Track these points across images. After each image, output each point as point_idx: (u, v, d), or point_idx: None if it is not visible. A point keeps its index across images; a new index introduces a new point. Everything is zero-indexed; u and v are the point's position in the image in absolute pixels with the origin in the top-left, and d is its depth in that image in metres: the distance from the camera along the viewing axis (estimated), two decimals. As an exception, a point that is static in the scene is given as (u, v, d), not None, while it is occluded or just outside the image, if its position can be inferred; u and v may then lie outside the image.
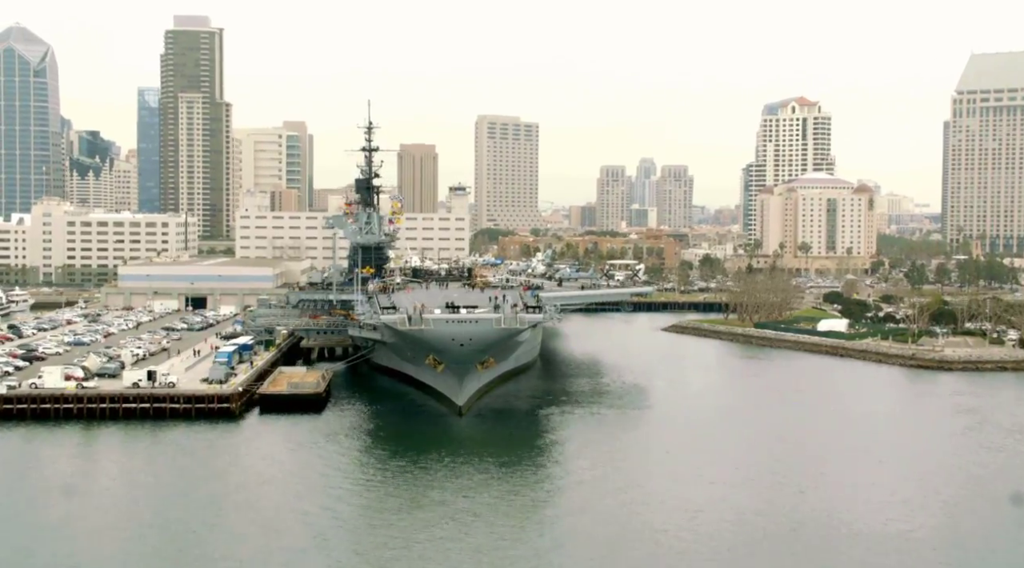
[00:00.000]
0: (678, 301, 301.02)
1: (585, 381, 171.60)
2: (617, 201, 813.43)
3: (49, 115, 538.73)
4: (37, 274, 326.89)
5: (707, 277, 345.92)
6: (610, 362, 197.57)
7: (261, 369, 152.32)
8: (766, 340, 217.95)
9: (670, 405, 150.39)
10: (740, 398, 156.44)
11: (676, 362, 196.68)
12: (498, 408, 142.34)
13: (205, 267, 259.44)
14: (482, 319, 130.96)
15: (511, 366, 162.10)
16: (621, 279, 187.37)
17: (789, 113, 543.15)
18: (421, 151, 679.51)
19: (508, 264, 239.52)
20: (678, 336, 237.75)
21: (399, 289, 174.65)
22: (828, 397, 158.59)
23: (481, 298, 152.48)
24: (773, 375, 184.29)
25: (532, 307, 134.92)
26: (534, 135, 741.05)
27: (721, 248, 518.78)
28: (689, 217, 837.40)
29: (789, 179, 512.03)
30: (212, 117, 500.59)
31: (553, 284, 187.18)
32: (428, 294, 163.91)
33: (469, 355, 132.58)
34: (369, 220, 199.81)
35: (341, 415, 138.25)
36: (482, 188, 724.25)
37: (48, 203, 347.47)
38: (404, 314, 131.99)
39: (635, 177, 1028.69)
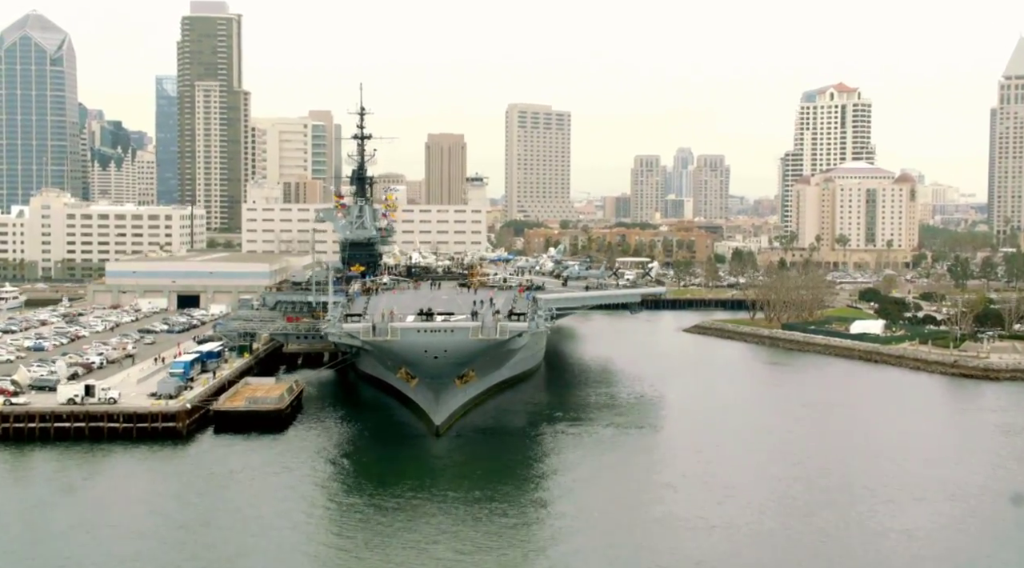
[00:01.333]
0: (704, 298, 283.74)
1: (592, 392, 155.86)
2: (651, 192, 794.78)
3: (66, 105, 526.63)
4: (36, 269, 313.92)
5: (737, 272, 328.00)
6: (623, 369, 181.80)
7: (225, 380, 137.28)
8: (794, 343, 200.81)
9: (682, 424, 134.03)
10: (759, 415, 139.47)
11: (694, 369, 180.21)
12: (484, 426, 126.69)
13: (197, 263, 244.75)
14: (458, 328, 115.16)
15: (505, 376, 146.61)
16: (631, 278, 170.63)
17: (827, 100, 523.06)
18: (449, 141, 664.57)
19: (516, 260, 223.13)
20: (700, 338, 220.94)
21: (386, 289, 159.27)
22: (858, 414, 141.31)
23: (467, 302, 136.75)
24: (798, 386, 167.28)
25: (518, 314, 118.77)
26: (566, 124, 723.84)
27: (756, 241, 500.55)
28: (726, 208, 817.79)
29: (827, 169, 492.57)
30: (230, 106, 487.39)
31: (558, 283, 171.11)
32: (414, 296, 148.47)
33: (445, 369, 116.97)
34: (361, 214, 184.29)
35: (305, 435, 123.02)
36: (513, 179, 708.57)
37: (47, 195, 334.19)
38: (369, 323, 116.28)
39: (672, 167, 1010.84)
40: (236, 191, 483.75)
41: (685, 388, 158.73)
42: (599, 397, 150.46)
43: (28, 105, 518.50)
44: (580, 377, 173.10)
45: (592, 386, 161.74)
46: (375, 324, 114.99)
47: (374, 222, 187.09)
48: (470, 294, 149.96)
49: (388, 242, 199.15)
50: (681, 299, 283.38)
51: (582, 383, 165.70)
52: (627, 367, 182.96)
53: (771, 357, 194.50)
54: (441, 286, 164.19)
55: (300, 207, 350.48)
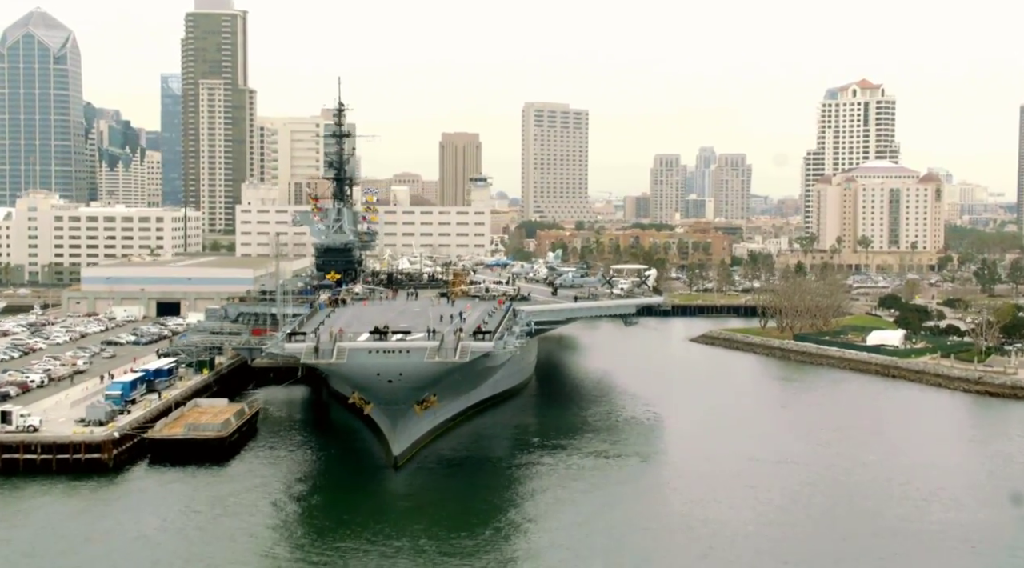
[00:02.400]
0: (716, 304, 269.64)
1: (583, 412, 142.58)
2: (671, 192, 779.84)
3: (70, 104, 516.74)
4: (22, 273, 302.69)
5: (753, 276, 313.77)
6: (621, 384, 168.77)
7: (172, 402, 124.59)
8: (806, 356, 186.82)
9: (677, 454, 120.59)
10: (765, 441, 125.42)
11: (697, 385, 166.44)
12: (452, 456, 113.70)
13: (177, 268, 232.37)
14: (414, 349, 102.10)
15: (485, 394, 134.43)
16: (626, 287, 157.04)
17: (849, 97, 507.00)
18: (464, 140, 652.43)
19: (512, 266, 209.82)
20: (707, 348, 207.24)
21: (359, 299, 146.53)
22: (872, 440, 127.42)
23: (443, 314, 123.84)
24: (807, 407, 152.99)
25: (483, 332, 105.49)
26: (584, 123, 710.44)
27: (776, 242, 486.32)
28: (747, 208, 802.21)
29: (849, 168, 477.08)
30: (235, 104, 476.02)
31: (546, 292, 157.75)
32: (382, 309, 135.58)
33: (400, 394, 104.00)
34: (339, 217, 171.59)
35: (249, 466, 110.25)
36: (529, 178, 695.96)
37: (34, 196, 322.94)
38: (312, 343, 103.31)
39: (694, 167, 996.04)
40: (237, 191, 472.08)
41: (685, 409, 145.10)
42: (590, 418, 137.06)
43: (31, 104, 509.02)
44: (573, 394, 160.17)
45: (585, 405, 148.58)
46: (318, 345, 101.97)
47: (354, 226, 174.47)
48: (447, 306, 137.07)
49: (370, 247, 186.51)
50: (691, 305, 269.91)
51: (574, 401, 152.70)
52: (626, 382, 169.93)
53: (781, 371, 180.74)
54: (419, 296, 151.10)
55: (297, 208, 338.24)
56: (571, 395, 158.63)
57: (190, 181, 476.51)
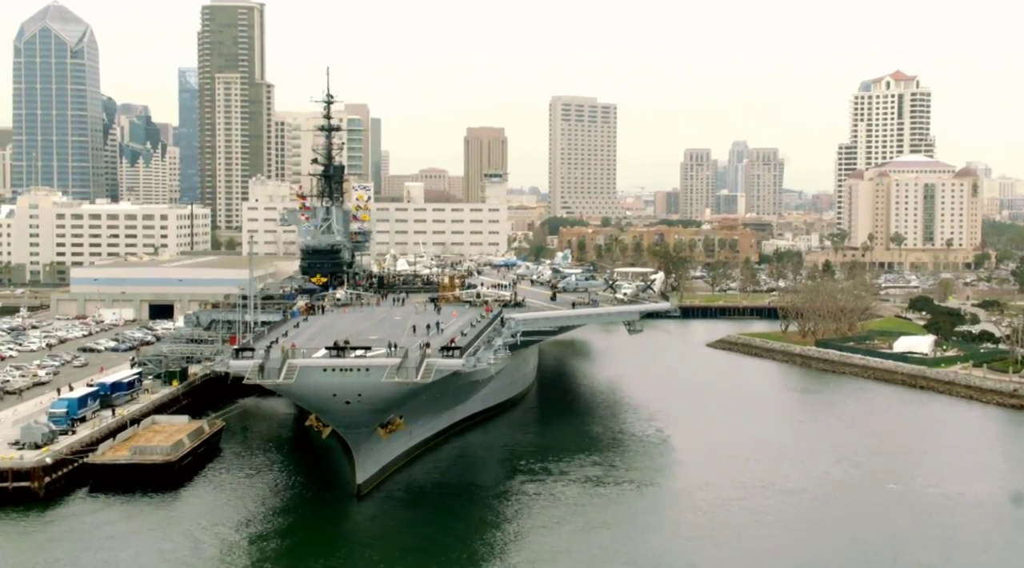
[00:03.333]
0: (739, 305, 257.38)
1: (584, 427, 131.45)
2: (701, 187, 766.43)
3: (87, 99, 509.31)
4: (23, 272, 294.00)
5: (779, 275, 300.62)
6: (628, 394, 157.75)
7: (126, 420, 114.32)
8: (828, 364, 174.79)
9: (681, 477, 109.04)
10: (775, 465, 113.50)
11: (710, 396, 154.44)
12: (426, 482, 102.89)
13: (169, 269, 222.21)
14: (375, 367, 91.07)
15: (472, 410, 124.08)
16: (629, 292, 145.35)
17: (883, 89, 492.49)
18: (489, 135, 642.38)
19: (517, 267, 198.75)
20: (724, 354, 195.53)
21: (340, 305, 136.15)
22: (894, 464, 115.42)
23: (423, 322, 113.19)
24: (827, 422, 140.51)
25: (452, 348, 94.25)
26: (612, 117, 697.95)
27: (806, 239, 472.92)
28: (779, 203, 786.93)
29: (882, 162, 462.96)
30: (252, 99, 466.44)
31: (546, 297, 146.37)
32: (359, 318, 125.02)
33: (360, 416, 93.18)
34: (327, 217, 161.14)
35: (199, 494, 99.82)
36: (556, 174, 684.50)
37: (36, 193, 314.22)
38: (258, 360, 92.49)
39: (727, 161, 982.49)
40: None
41: (693, 424, 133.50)
42: (589, 436, 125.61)
43: (48, 99, 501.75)
44: (575, 406, 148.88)
45: (586, 419, 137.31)
46: (264, 363, 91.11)
47: (344, 226, 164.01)
48: (433, 313, 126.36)
49: (363, 248, 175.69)
50: (713, 306, 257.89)
51: (575, 415, 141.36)
52: (634, 392, 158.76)
53: (800, 381, 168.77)
54: (408, 302, 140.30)
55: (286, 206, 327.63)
56: (572, 408, 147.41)
57: (206, 177, 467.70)
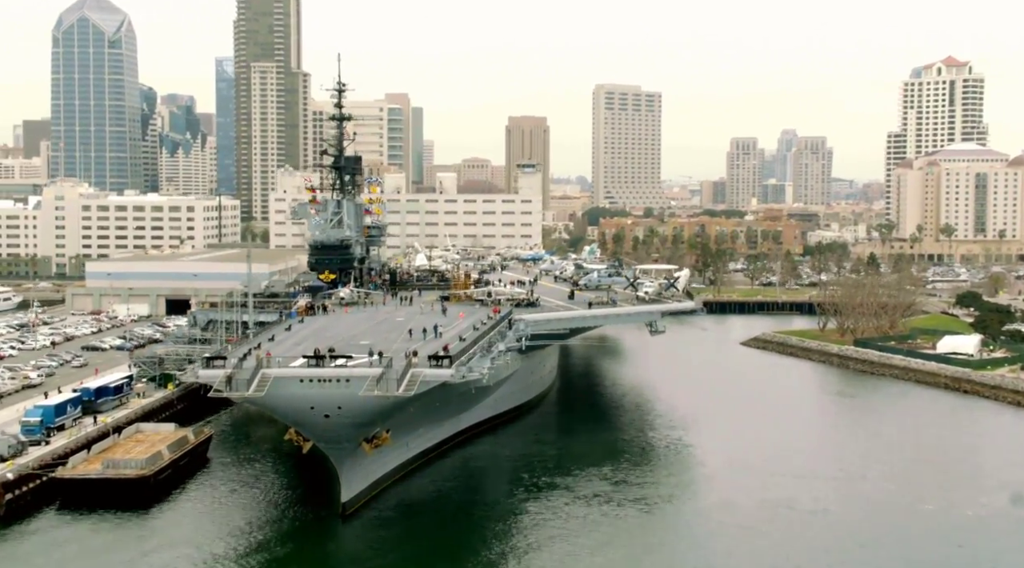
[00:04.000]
0: (777, 300, 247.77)
1: (601, 436, 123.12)
2: (748, 176, 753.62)
3: (125, 89, 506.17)
4: (49, 265, 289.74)
5: (823, 268, 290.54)
6: (653, 398, 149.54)
7: (108, 428, 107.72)
8: (867, 365, 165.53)
9: (700, 494, 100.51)
10: (803, 481, 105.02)
11: (740, 401, 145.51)
12: (419, 500, 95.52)
13: (186, 263, 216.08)
14: (355, 378, 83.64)
15: (479, 418, 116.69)
16: (651, 290, 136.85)
17: (934, 75, 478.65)
18: (531, 124, 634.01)
19: (541, 262, 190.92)
20: (759, 354, 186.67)
21: (347, 304, 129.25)
22: (932, 478, 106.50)
23: (431, 323, 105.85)
24: (861, 430, 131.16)
25: (441, 357, 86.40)
26: (656, 105, 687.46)
27: (852, 230, 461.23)
28: (827, 193, 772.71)
29: (933, 150, 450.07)
30: (287, 88, 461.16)
31: (563, 294, 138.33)
32: (359, 319, 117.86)
33: (342, 430, 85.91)
34: (338, 210, 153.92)
35: (175, 512, 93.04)
36: (599, 163, 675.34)
37: (62, 185, 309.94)
38: (227, 369, 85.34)
39: (776, 150, 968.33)
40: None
41: (722, 432, 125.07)
42: (605, 446, 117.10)
43: (86, 89, 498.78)
44: (597, 411, 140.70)
45: (605, 425, 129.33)
46: (232, 374, 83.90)
47: (356, 220, 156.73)
48: (439, 314, 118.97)
49: (378, 243, 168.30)
50: (750, 301, 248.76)
51: (595, 420, 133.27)
52: (661, 395, 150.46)
53: (837, 383, 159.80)
54: (414, 301, 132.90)
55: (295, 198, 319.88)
56: (592, 413, 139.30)
57: (242, 168, 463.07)
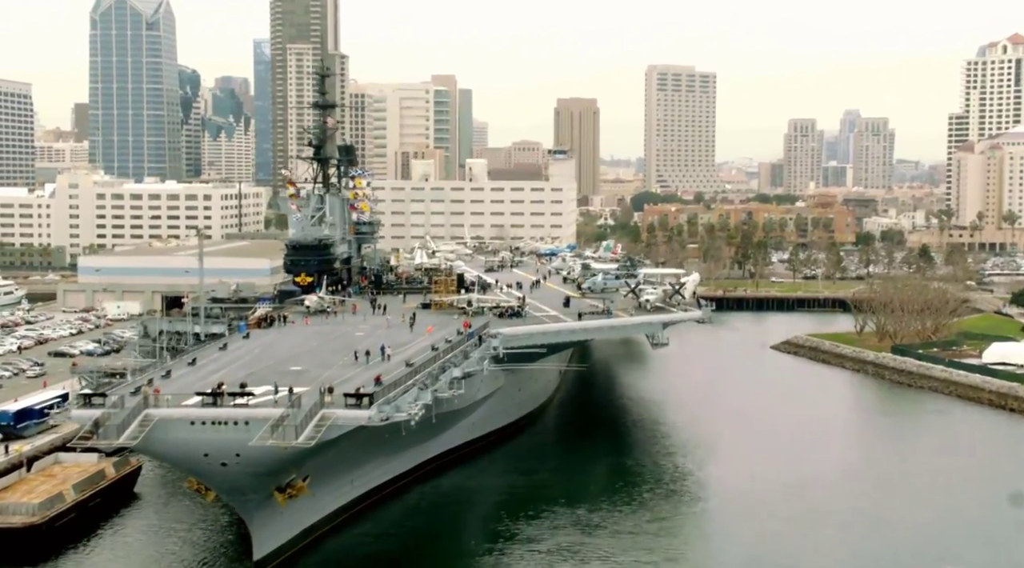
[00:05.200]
0: (818, 296, 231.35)
1: (603, 458, 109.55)
2: (806, 159, 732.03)
3: (163, 71, 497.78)
4: (63, 255, 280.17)
5: (871, 259, 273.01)
6: (667, 411, 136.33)
7: (21, 458, 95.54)
8: (904, 375, 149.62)
9: (712, 542, 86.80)
10: (817, 527, 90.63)
11: (760, 417, 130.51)
12: (351, 554, 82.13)
13: (180, 257, 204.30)
14: (256, 421, 70.57)
15: (451, 444, 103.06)
16: (654, 298, 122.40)
17: (999, 54, 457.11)
18: (580, 106, 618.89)
19: (555, 258, 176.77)
20: (788, 360, 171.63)
21: (312, 312, 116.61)
22: (960, 530, 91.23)
23: (367, 347, 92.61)
24: (888, 459, 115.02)
25: (360, 396, 72.83)
26: (711, 86, 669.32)
27: (910, 216, 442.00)
28: (888, 176, 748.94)
29: (996, 133, 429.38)
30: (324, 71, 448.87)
31: (557, 301, 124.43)
32: (312, 334, 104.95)
33: (245, 481, 72.89)
34: (320, 206, 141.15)
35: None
36: (651, 146, 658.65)
37: (76, 172, 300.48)
38: (100, 410, 72.46)
39: (838, 131, 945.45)
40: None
41: (737, 460, 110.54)
42: (599, 477, 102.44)
43: (124, 73, 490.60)
44: (598, 429, 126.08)
45: (607, 447, 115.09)
46: (99, 418, 71.05)
47: (341, 217, 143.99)
48: (405, 329, 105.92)
49: (370, 241, 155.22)
50: (790, 297, 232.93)
51: (594, 441, 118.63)
52: (675, 411, 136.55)
53: (870, 397, 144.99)
54: (390, 308, 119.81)
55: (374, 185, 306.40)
56: (592, 432, 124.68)
57: (278, 152, 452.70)
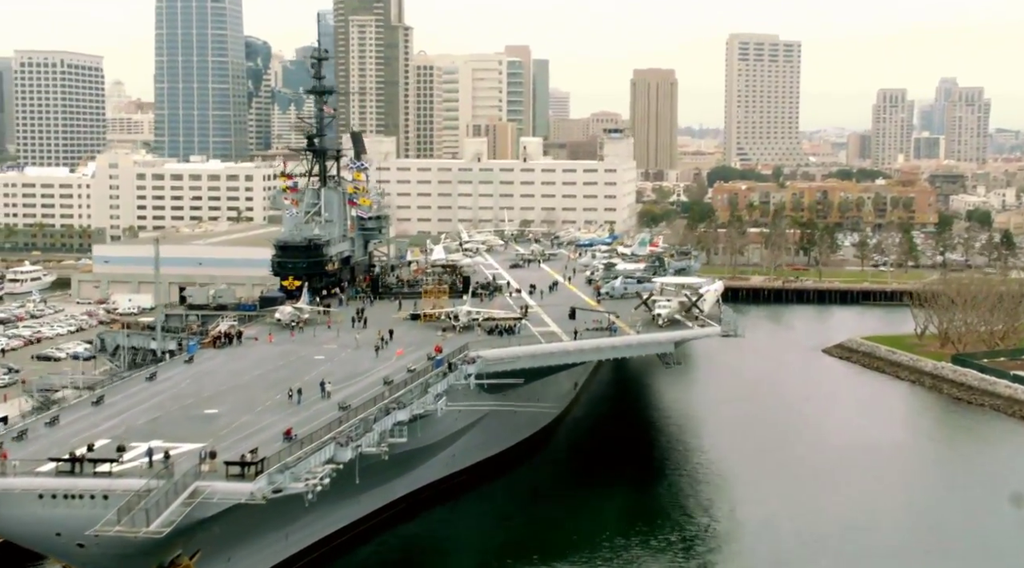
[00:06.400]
0: (885, 289, 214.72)
1: (618, 492, 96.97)
2: (896, 130, 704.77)
3: (228, 44, 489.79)
4: (104, 236, 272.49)
5: (947, 245, 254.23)
6: (696, 433, 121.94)
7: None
8: (964, 390, 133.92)
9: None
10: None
11: (798, 441, 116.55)
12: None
13: (196, 247, 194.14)
14: (116, 494, 58.81)
15: (410, 488, 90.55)
16: (665, 312, 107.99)
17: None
18: (657, 77, 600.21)
19: (579, 255, 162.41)
20: (839, 366, 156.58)
21: (286, 327, 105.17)
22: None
23: (320, 376, 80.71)
24: (934, 503, 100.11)
25: (244, 465, 60.49)
26: (795, 55, 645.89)
27: (1000, 194, 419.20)
28: (983, 148, 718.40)
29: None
30: (387, 43, 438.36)
31: (569, 308, 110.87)
32: (264, 357, 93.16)
33: (111, 562, 60.94)
34: (316, 201, 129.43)
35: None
36: (732, 118, 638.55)
37: (116, 151, 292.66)
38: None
39: (932, 100, 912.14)
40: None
41: (766, 495, 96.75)
42: (617, 513, 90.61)
43: (189, 46, 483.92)
44: (615, 454, 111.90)
45: (622, 479, 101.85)
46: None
47: (339, 214, 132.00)
48: (372, 353, 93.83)
49: (377, 237, 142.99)
50: (854, 289, 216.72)
51: (608, 472, 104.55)
52: (707, 433, 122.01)
53: (926, 416, 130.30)
54: (368, 322, 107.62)
55: (420, 165, 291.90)
56: (605, 460, 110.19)
57: (340, 128, 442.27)
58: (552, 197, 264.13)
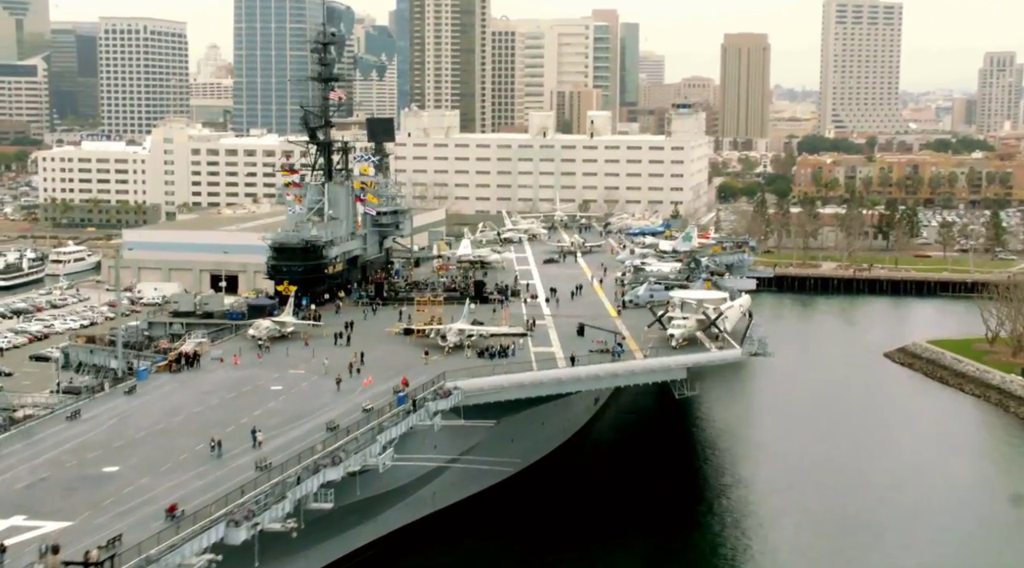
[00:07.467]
0: (966, 280, 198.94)
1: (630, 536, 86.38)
2: (1003, 96, 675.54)
3: (306, 11, 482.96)
4: (159, 213, 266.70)
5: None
6: (730, 457, 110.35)
7: None
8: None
9: None
10: None
11: (856, 472, 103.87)
12: None
13: (225, 233, 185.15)
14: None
15: (375, 535, 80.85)
16: (682, 331, 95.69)
17: None
18: (748, 42, 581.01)
19: (619, 249, 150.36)
20: (902, 374, 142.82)
21: (266, 342, 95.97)
22: None
23: (267, 414, 71.30)
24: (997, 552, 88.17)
25: (86, 565, 50.48)
26: (896, 17, 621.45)
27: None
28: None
29: None
30: (463, 10, 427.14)
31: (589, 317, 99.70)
32: (215, 386, 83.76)
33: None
34: (319, 198, 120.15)
35: None
36: (827, 85, 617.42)
37: (171, 125, 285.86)
38: None
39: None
40: (469, 108, 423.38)
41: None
42: None
43: (268, 11, 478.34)
44: (631, 483, 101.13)
45: (637, 516, 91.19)
46: None
47: (347, 210, 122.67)
48: (330, 382, 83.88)
49: (393, 233, 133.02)
50: (932, 279, 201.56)
51: (620, 508, 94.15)
52: (743, 458, 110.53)
53: (991, 440, 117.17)
54: (351, 339, 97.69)
55: (458, 142, 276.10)
56: (618, 491, 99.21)
57: (415, 96, 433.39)
58: (616, 176, 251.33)
